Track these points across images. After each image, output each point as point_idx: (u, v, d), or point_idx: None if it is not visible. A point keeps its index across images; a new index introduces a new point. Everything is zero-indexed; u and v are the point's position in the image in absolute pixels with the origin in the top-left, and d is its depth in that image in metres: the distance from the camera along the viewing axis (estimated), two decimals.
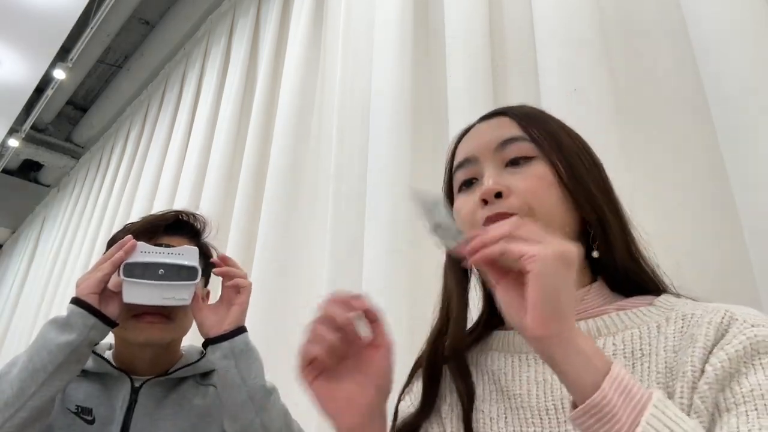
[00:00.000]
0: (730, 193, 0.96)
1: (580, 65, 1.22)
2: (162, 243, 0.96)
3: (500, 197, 0.62)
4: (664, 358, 0.56)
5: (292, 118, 2.17)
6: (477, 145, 0.69)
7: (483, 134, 0.70)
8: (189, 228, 1.04)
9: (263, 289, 1.92)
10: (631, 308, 0.63)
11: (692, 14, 1.06)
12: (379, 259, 1.48)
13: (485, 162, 0.67)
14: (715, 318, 0.55)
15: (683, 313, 0.59)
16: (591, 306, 0.64)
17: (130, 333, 0.95)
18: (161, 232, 0.99)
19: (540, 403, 0.59)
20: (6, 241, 6.97)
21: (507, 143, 0.67)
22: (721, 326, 0.54)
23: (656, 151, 1.14)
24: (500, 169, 0.66)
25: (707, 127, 1.03)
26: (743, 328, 0.53)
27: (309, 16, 2.35)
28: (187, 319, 1.00)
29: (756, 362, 0.51)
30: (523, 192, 0.63)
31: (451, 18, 1.57)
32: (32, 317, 4.54)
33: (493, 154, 0.67)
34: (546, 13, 1.33)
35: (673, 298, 0.63)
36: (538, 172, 0.64)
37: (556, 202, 0.64)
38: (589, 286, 0.66)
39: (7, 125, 4.50)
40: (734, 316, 0.55)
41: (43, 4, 3.25)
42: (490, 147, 0.67)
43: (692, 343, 0.54)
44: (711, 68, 1.01)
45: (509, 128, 0.69)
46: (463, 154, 0.71)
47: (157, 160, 3.36)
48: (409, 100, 1.63)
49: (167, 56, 3.93)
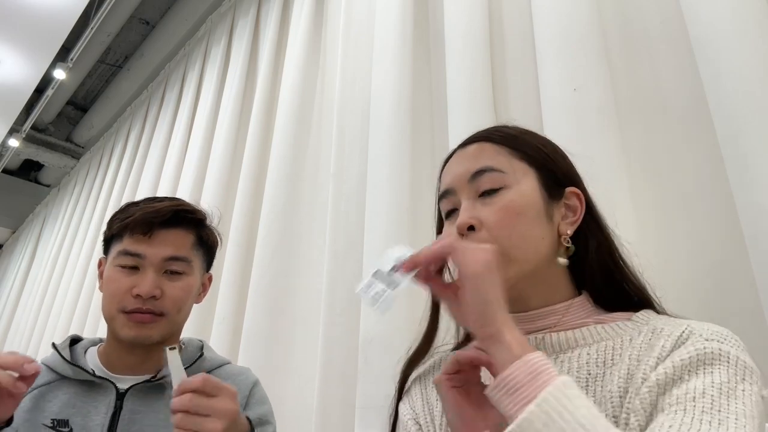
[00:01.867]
0: (730, 193, 0.95)
1: (580, 65, 1.22)
2: (158, 238, 0.95)
3: (473, 230, 0.67)
4: (627, 365, 0.60)
5: (292, 118, 2.17)
6: (453, 177, 0.74)
7: (460, 164, 0.74)
8: (187, 221, 1.01)
9: (263, 289, 1.92)
10: (609, 322, 0.67)
11: (692, 14, 1.06)
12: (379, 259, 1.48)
13: (461, 193, 0.72)
14: (675, 331, 0.60)
15: (654, 327, 0.63)
16: (572, 319, 0.69)
17: (119, 328, 0.93)
18: (157, 227, 0.96)
19: None
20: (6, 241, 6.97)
21: (478, 174, 0.71)
22: (680, 339, 0.59)
23: (656, 151, 1.14)
24: (474, 200, 0.70)
25: (707, 127, 1.03)
26: (696, 341, 0.57)
27: (309, 16, 2.35)
28: (181, 314, 0.98)
29: (699, 371, 0.55)
30: (492, 226, 0.67)
31: (451, 18, 1.57)
32: (32, 317, 4.54)
33: (467, 186, 0.71)
34: (546, 12, 1.33)
35: (652, 314, 0.67)
36: (506, 202, 0.68)
37: (527, 227, 0.68)
38: (571, 300, 0.70)
39: (7, 125, 4.50)
40: (693, 330, 0.59)
41: (43, 4, 3.25)
42: (464, 179, 0.72)
43: (650, 352, 0.59)
44: (711, 68, 1.00)
45: (483, 157, 0.72)
46: (444, 185, 0.75)
47: (158, 160, 3.36)
48: (409, 99, 1.63)
49: (167, 56, 3.93)
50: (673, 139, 1.13)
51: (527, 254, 0.67)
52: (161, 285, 0.95)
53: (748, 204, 0.92)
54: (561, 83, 1.23)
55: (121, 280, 0.95)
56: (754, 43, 0.96)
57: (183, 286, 0.98)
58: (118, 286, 0.94)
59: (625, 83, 1.22)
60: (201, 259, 1.03)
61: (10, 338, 5.03)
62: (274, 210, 2.04)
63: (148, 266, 0.95)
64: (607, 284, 0.71)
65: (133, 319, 0.93)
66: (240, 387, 0.99)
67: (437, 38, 1.70)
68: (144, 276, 0.94)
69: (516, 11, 1.50)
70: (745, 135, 0.93)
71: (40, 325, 4.27)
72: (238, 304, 2.04)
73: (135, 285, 0.94)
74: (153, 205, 0.99)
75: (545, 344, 0.67)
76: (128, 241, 0.96)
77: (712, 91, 1.00)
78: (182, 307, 0.98)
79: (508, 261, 0.65)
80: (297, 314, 1.84)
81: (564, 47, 1.26)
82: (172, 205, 0.99)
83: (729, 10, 1.00)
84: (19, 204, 6.28)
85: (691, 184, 1.08)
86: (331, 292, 1.62)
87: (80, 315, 3.57)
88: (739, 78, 0.95)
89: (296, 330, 1.81)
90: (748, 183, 0.92)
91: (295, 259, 1.92)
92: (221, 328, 2.04)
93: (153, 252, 0.95)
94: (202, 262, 1.04)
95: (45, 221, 5.71)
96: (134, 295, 0.93)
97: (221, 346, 1.96)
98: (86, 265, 3.86)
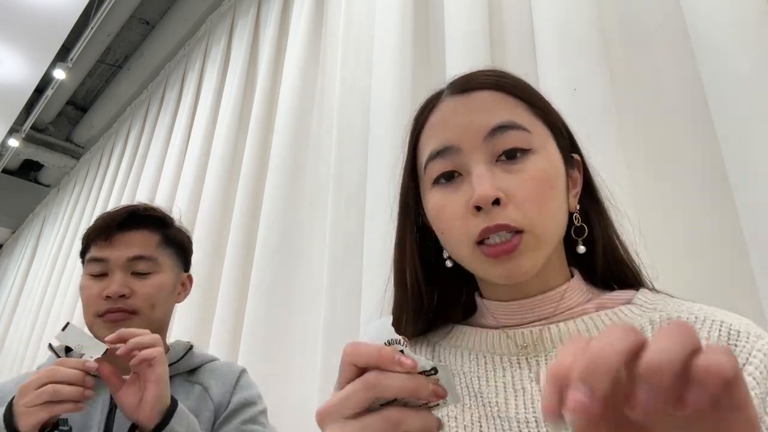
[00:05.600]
0: (730, 193, 0.96)
1: (580, 65, 1.22)
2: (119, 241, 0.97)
3: (497, 204, 0.54)
4: None
5: (292, 117, 2.17)
6: (459, 130, 0.57)
7: (466, 114, 0.58)
8: (147, 221, 1.02)
9: (263, 289, 1.92)
10: (611, 306, 0.58)
11: (692, 14, 1.06)
12: (380, 259, 1.48)
13: (472, 154, 0.56)
14: (713, 333, 0.51)
15: (668, 317, 0.55)
16: (569, 305, 0.59)
17: (98, 332, 0.95)
18: (115, 230, 0.98)
19: (519, 414, 0.53)
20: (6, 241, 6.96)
21: (499, 131, 0.56)
22: (721, 341, 0.50)
23: (656, 151, 1.14)
24: (491, 164, 0.56)
25: (707, 127, 1.03)
26: (752, 342, 0.49)
27: (309, 16, 2.35)
28: (156, 311, 0.99)
29: None
30: (522, 200, 0.54)
31: (451, 18, 1.57)
32: (32, 317, 4.54)
33: (482, 144, 0.56)
34: (546, 12, 1.33)
35: (651, 295, 0.59)
36: (537, 171, 0.55)
37: (557, 203, 0.57)
38: (567, 283, 0.60)
39: (7, 125, 4.49)
40: (732, 327, 0.51)
41: (43, 4, 3.25)
42: (478, 134, 0.56)
43: None
44: (711, 68, 1.01)
45: (500, 109, 0.58)
46: (442, 140, 0.58)
47: (157, 160, 3.36)
48: (409, 100, 1.63)
49: (167, 56, 3.93)
50: (673, 139, 1.13)
51: (554, 236, 0.57)
52: (130, 284, 0.97)
53: (748, 203, 0.92)
54: (561, 83, 1.23)
55: (92, 287, 0.98)
56: (754, 42, 0.96)
57: (153, 284, 0.99)
58: (90, 292, 0.98)
59: (625, 83, 1.22)
60: (171, 257, 1.04)
61: (10, 338, 5.03)
62: (274, 210, 2.04)
63: (115, 268, 0.97)
64: (605, 262, 0.62)
65: (108, 319, 0.95)
66: (227, 376, 1.03)
67: (437, 38, 1.70)
68: (111, 278, 0.97)
69: (516, 11, 1.50)
70: (745, 134, 0.93)
71: (40, 325, 4.27)
72: (238, 304, 2.04)
73: (105, 288, 0.96)
74: (111, 211, 1.03)
75: (544, 339, 0.57)
76: (93, 250, 0.99)
77: (712, 90, 1.00)
78: (155, 304, 0.99)
79: (539, 244, 0.55)
80: (297, 314, 1.84)
81: (564, 47, 1.26)
82: (127, 208, 1.03)
83: (729, 9, 1.00)
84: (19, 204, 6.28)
85: (691, 183, 1.08)
86: (331, 292, 1.62)
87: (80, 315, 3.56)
88: (739, 77, 0.95)
89: (296, 330, 1.81)
90: (748, 182, 0.92)
91: (295, 259, 1.92)
92: (221, 328, 2.04)
93: (116, 255, 0.98)
94: (174, 261, 1.05)
95: (45, 221, 5.71)
96: (104, 297, 0.96)
97: (221, 346, 1.96)
98: None
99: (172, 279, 1.03)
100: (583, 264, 0.63)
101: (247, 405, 0.99)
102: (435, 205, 0.59)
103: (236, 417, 0.97)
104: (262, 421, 1.00)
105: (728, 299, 0.97)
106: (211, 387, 1.00)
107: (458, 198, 0.56)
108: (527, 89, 0.61)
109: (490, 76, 0.61)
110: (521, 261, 0.54)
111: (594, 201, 0.64)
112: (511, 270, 0.55)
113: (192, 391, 0.99)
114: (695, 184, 1.08)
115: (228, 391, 1.00)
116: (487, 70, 0.63)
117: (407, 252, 0.65)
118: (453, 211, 0.57)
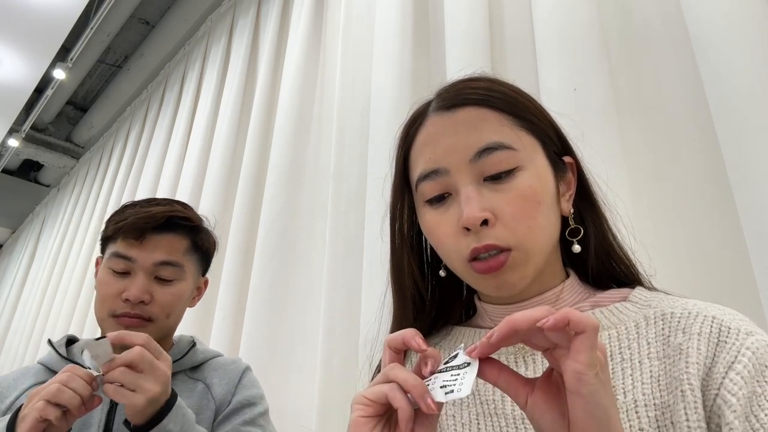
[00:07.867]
0: (730, 193, 0.96)
1: (580, 65, 1.22)
2: (150, 243, 0.95)
3: (486, 224, 0.55)
4: (648, 367, 0.52)
5: (292, 117, 2.17)
6: (446, 152, 0.59)
7: (451, 134, 0.59)
8: (181, 226, 1.00)
9: (263, 288, 1.92)
10: (606, 304, 0.59)
11: (692, 14, 1.06)
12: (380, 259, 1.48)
13: (459, 175, 0.57)
14: (704, 328, 0.51)
15: (662, 312, 0.55)
16: (566, 305, 0.60)
17: (105, 329, 0.94)
18: (149, 232, 0.96)
19: (516, 411, 0.55)
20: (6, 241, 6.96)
21: (486, 153, 0.57)
22: (712, 337, 0.51)
23: (656, 151, 1.14)
24: (478, 185, 0.57)
25: (707, 127, 1.03)
26: (741, 340, 0.49)
27: (309, 16, 2.35)
28: (170, 319, 0.98)
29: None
30: (509, 219, 0.55)
31: (451, 17, 1.57)
32: (32, 317, 4.54)
33: (468, 166, 0.57)
34: (546, 12, 1.33)
35: (647, 293, 0.59)
36: (524, 189, 0.56)
37: (546, 216, 0.57)
38: (563, 284, 0.61)
39: (7, 125, 4.49)
40: (723, 323, 0.51)
41: (43, 4, 3.25)
42: (464, 156, 0.57)
43: (682, 356, 0.50)
44: (711, 68, 1.01)
45: (486, 127, 0.58)
46: (430, 163, 0.59)
47: (157, 160, 3.36)
48: (409, 99, 1.63)
49: (167, 56, 3.93)
50: (673, 139, 1.13)
51: (545, 247, 0.58)
52: (151, 290, 0.95)
53: (748, 204, 0.92)
54: (561, 83, 1.23)
55: (111, 284, 0.96)
56: (755, 42, 0.96)
57: (174, 292, 0.98)
58: (109, 290, 0.95)
59: (625, 83, 1.22)
60: (195, 263, 1.04)
61: (10, 338, 5.02)
62: (274, 210, 2.04)
63: (139, 270, 0.96)
64: (600, 261, 0.63)
65: (121, 323, 0.93)
66: (231, 374, 1.02)
67: (437, 38, 1.70)
68: (134, 280, 0.95)
69: (516, 11, 1.50)
70: (745, 135, 0.93)
71: (40, 325, 4.27)
72: (238, 304, 2.04)
73: (125, 289, 0.94)
74: (148, 209, 0.99)
75: None
76: (121, 244, 0.97)
77: (712, 91, 1.00)
78: (171, 313, 0.98)
79: (527, 259, 0.56)
80: (297, 314, 1.84)
81: (564, 47, 1.26)
82: (166, 210, 0.99)
83: (729, 10, 1.00)
84: (18, 204, 6.27)
85: (691, 184, 1.08)
86: (331, 292, 1.62)
87: (80, 315, 3.57)
88: (740, 77, 0.95)
89: (296, 329, 1.81)
90: (748, 183, 0.92)
91: (295, 259, 1.92)
92: (221, 328, 2.04)
93: (144, 256, 0.96)
94: (197, 267, 1.05)
95: (45, 221, 5.71)
96: (123, 299, 0.94)
97: (221, 345, 1.96)
98: (86, 265, 3.86)
99: (191, 286, 1.03)
100: (580, 263, 0.64)
101: (248, 405, 0.99)
102: (428, 223, 0.61)
103: (236, 417, 0.97)
104: (261, 423, 0.99)
105: (728, 299, 0.97)
106: (214, 385, 1.00)
107: (449, 218, 0.58)
108: (515, 101, 0.61)
109: (476, 89, 0.61)
110: (509, 276, 0.57)
111: (588, 201, 0.65)
112: (501, 284, 0.57)
113: (195, 389, 0.99)
114: (695, 184, 1.08)
115: (230, 389, 1.00)
116: (475, 80, 0.64)
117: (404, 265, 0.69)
118: (445, 230, 0.59)
